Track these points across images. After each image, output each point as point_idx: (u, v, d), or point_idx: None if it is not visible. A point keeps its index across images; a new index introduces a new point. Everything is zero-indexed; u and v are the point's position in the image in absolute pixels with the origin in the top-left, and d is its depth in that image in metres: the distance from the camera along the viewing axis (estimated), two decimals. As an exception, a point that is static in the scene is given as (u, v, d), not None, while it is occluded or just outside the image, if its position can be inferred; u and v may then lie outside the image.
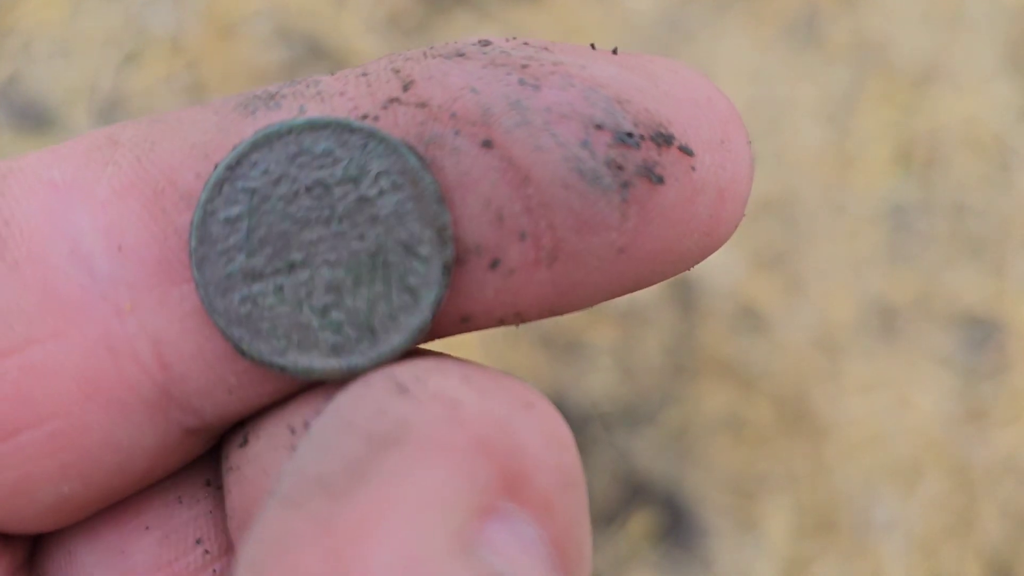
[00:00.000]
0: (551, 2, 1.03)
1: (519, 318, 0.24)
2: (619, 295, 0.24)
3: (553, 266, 0.23)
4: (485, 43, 0.24)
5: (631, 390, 0.91)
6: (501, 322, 0.24)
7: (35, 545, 0.26)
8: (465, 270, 0.23)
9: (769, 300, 0.94)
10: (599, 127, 0.23)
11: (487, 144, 0.22)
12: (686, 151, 0.23)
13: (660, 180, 0.23)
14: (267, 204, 0.23)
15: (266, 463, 0.23)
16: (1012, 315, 0.95)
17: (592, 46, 0.24)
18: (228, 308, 0.23)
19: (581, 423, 0.90)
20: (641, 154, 0.23)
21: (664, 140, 0.23)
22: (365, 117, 0.23)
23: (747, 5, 1.03)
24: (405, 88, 0.23)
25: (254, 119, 0.23)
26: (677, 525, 0.89)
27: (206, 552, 0.25)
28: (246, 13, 1.01)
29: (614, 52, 0.24)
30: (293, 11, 1.01)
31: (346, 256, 0.23)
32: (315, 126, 0.23)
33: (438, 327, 0.24)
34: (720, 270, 0.95)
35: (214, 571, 0.25)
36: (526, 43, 0.24)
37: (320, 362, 0.23)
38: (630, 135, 0.23)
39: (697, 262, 0.24)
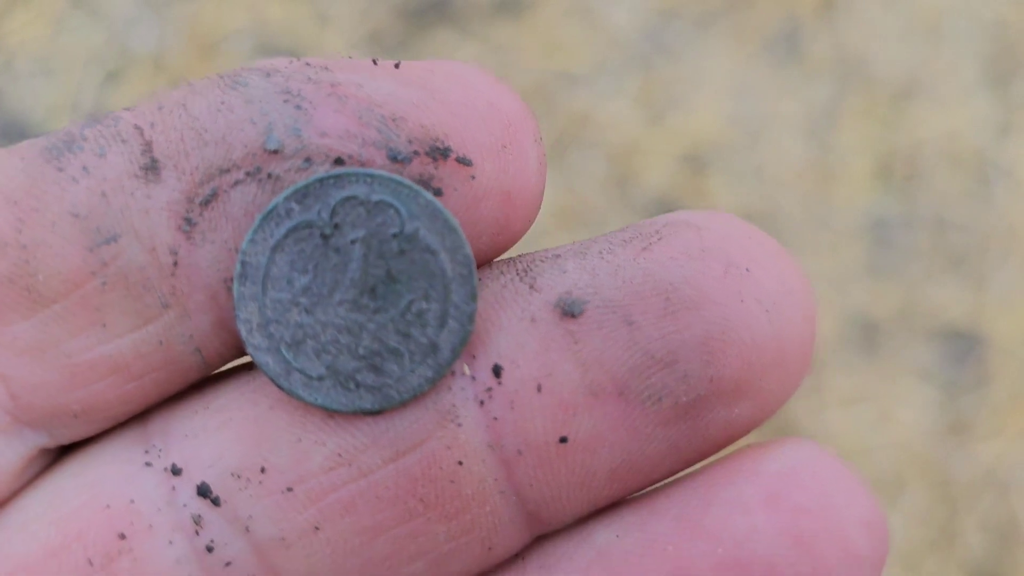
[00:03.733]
0: (533, 19, 1.03)
1: None
2: None
3: None
4: (268, 72, 0.25)
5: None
6: None
7: None
8: None
9: (750, 315, 0.95)
10: (373, 147, 0.24)
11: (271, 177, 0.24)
12: (464, 162, 0.24)
13: (438, 192, 0.24)
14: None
15: None
16: (993, 329, 0.95)
17: (374, 61, 0.25)
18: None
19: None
20: (416, 170, 0.24)
21: (440, 153, 0.24)
22: (154, 160, 0.24)
23: (729, 21, 1.04)
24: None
25: (59, 164, 0.24)
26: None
27: None
28: (228, 31, 1.02)
29: (396, 66, 0.25)
30: (275, 29, 1.02)
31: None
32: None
33: None
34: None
35: None
36: (307, 63, 0.25)
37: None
38: (400, 153, 0.24)
39: (491, 258, 0.26)
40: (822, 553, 0.24)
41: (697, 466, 0.26)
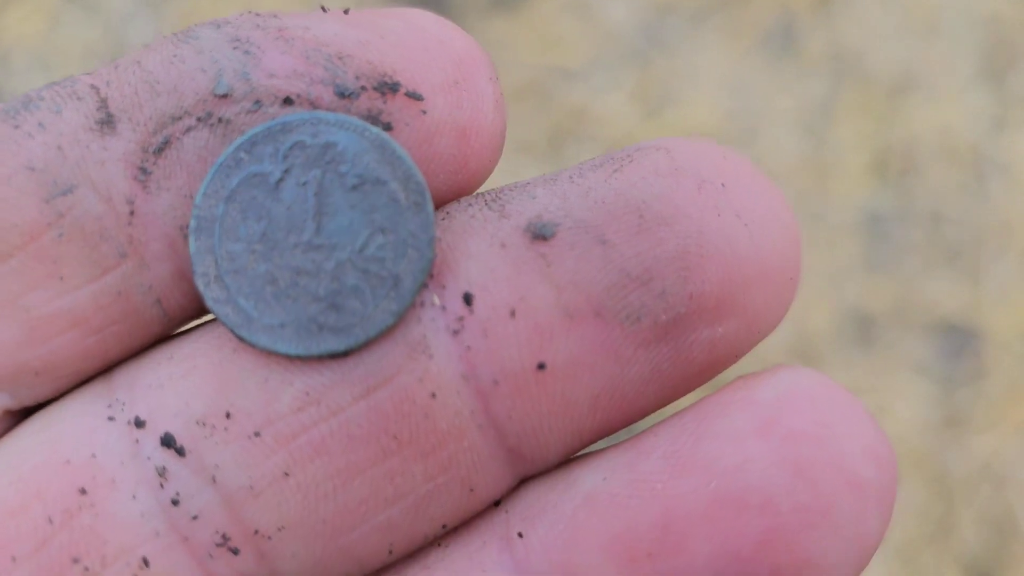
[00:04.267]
0: (529, 14, 1.03)
1: None
2: None
3: None
4: (218, 24, 0.25)
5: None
6: None
7: None
8: None
9: (746, 309, 0.95)
10: (320, 84, 0.24)
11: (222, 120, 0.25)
12: (414, 96, 0.24)
13: (388, 127, 0.24)
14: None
15: None
16: (988, 323, 0.95)
17: (323, 8, 0.25)
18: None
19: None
20: (364, 104, 0.24)
21: (389, 88, 0.24)
22: (109, 114, 0.25)
23: (724, 16, 1.04)
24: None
25: (15, 122, 0.25)
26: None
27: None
28: (224, 26, 1.02)
29: (345, 12, 0.25)
30: (271, 24, 1.02)
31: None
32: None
33: None
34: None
35: None
36: (257, 14, 0.25)
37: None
38: (348, 89, 0.24)
39: (451, 199, 0.26)
40: (822, 480, 0.23)
41: (687, 401, 0.25)
